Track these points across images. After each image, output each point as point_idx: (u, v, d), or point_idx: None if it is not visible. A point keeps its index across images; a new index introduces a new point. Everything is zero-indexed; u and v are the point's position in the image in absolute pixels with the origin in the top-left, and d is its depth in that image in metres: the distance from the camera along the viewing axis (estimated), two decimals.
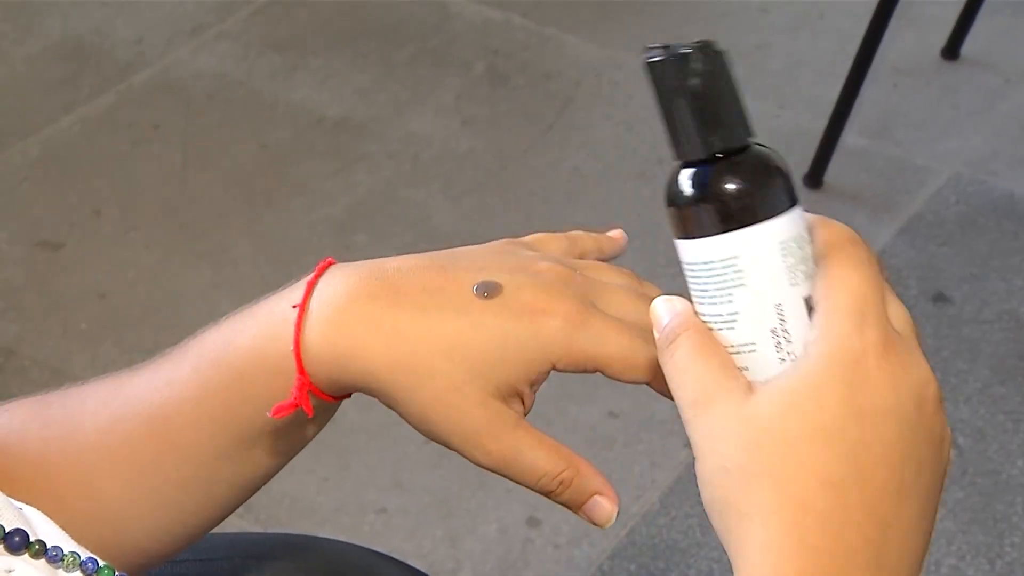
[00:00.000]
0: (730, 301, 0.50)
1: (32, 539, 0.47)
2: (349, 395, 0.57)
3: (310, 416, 0.54)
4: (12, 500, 0.50)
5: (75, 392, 0.61)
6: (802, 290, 0.49)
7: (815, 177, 2.17)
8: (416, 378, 0.52)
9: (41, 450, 0.59)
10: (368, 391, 0.54)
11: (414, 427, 0.55)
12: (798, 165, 2.19)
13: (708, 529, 1.62)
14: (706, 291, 0.50)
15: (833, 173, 2.17)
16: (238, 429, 0.56)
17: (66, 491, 0.57)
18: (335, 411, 0.60)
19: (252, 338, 0.55)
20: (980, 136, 2.27)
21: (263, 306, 0.57)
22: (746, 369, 0.50)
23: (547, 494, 0.55)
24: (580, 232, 0.61)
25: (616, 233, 0.63)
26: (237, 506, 0.60)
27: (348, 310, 0.53)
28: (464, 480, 1.68)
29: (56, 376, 1.80)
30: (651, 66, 0.46)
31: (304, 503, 1.68)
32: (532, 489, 0.56)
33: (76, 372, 1.81)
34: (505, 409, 0.54)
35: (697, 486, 0.51)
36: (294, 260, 2.02)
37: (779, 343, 0.49)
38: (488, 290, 0.55)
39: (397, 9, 2.55)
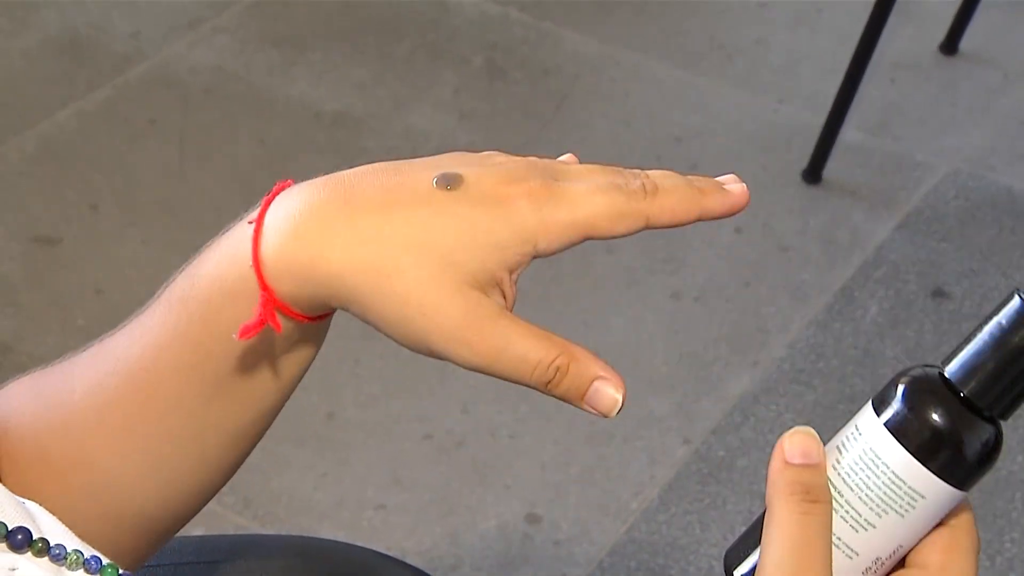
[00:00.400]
0: (878, 515, 0.49)
1: (35, 536, 0.46)
2: (324, 316, 0.54)
3: (278, 331, 0.51)
4: (15, 495, 0.49)
5: (71, 360, 0.59)
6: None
7: (814, 172, 2.17)
8: (383, 277, 0.49)
9: (36, 426, 0.57)
10: (337, 302, 0.51)
11: (391, 335, 0.51)
12: (797, 160, 2.19)
13: (708, 525, 1.62)
14: (867, 487, 0.50)
15: (832, 168, 2.16)
16: (215, 366, 0.53)
17: (64, 467, 0.56)
18: (322, 335, 0.57)
19: (215, 264, 0.53)
20: (979, 131, 2.26)
21: (224, 234, 0.55)
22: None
23: (544, 387, 0.51)
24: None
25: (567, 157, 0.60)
26: (237, 460, 0.57)
27: (305, 218, 0.51)
28: (463, 477, 1.67)
29: None
30: None
31: (302, 500, 1.68)
32: (527, 384, 0.51)
33: None
34: (484, 298, 0.51)
35: (697, 483, 0.50)
36: None
37: (871, 569, 0.50)
38: (449, 182, 0.53)
39: (395, 3, 2.55)
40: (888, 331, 1.90)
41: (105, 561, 0.48)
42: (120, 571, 0.49)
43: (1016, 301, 0.46)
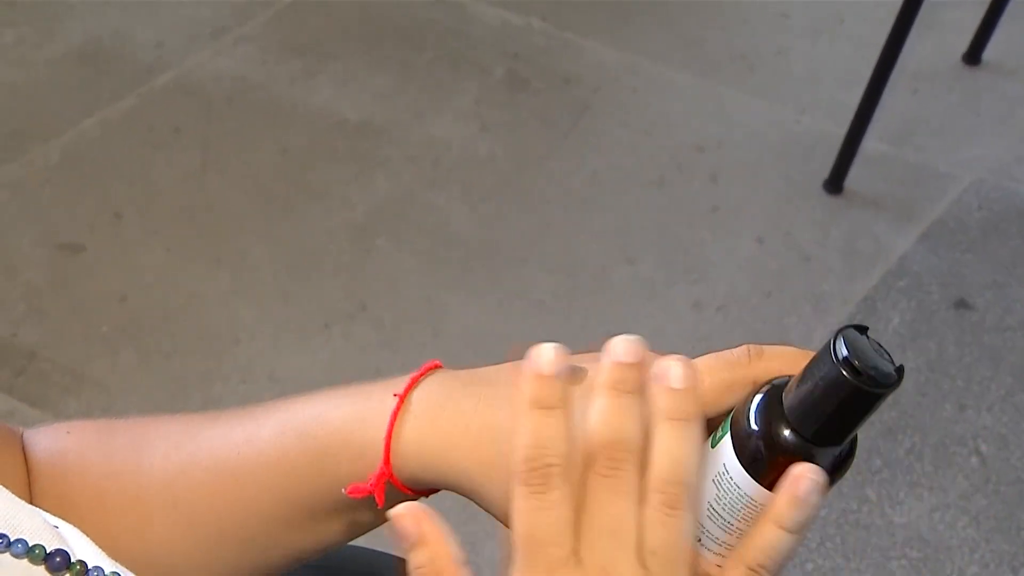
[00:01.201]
0: (735, 535, 0.51)
1: (73, 559, 0.46)
2: (427, 493, 0.56)
3: (380, 506, 0.53)
4: (48, 518, 0.49)
5: (144, 426, 0.60)
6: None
7: (835, 183, 2.16)
8: (507, 474, 0.50)
9: (101, 482, 0.58)
10: (455, 488, 0.53)
11: (502, 520, 0.53)
12: (818, 171, 2.19)
13: None
14: (731, 518, 0.51)
15: (854, 179, 2.15)
16: (311, 501, 0.55)
17: (120, 528, 0.57)
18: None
19: (344, 418, 0.55)
20: (1002, 142, 2.25)
21: (362, 389, 0.56)
22: None
23: None
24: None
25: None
26: (286, 571, 0.59)
27: (448, 413, 0.53)
28: None
29: (77, 380, 1.80)
30: (858, 380, 0.46)
31: None
32: None
33: (97, 376, 1.81)
34: None
35: None
36: (313, 266, 2.02)
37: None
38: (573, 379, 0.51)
39: (416, 13, 2.56)
40: (910, 342, 1.89)
41: None
42: None
43: (836, 338, 0.47)
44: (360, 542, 0.79)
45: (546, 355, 0.48)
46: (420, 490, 0.56)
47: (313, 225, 2.10)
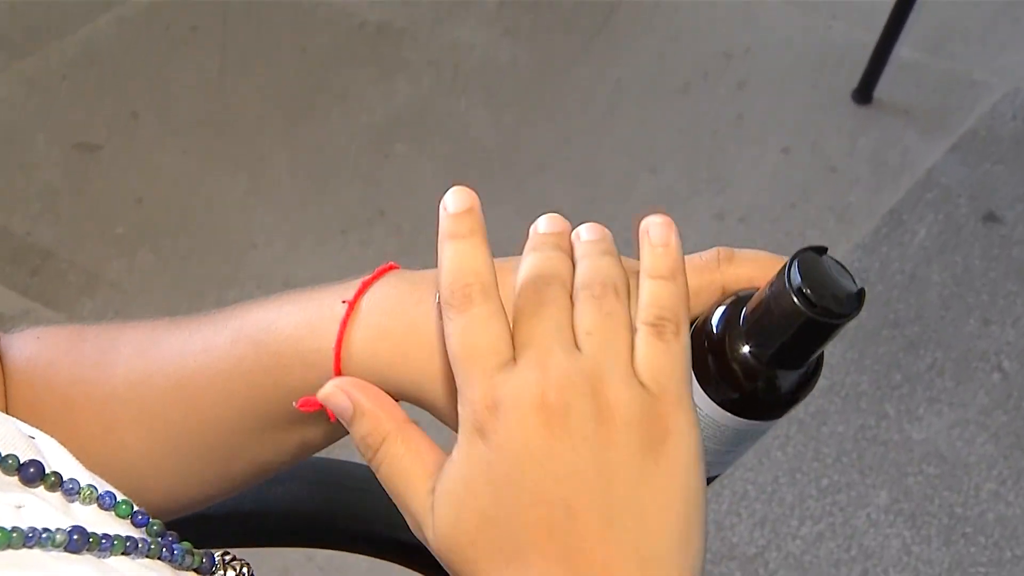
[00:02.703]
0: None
1: (47, 471, 0.45)
2: None
3: (332, 420, 0.51)
4: (25, 428, 0.48)
5: (112, 332, 0.59)
6: None
7: (865, 92, 2.11)
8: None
9: (68, 389, 0.57)
10: (411, 400, 0.51)
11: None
12: (848, 79, 2.13)
13: None
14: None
15: (884, 88, 2.10)
16: (265, 411, 0.54)
17: (88, 434, 0.56)
18: None
19: (295, 325, 0.53)
20: None
21: (314, 294, 0.54)
22: None
23: None
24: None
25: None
26: (255, 482, 0.58)
27: (397, 320, 0.51)
28: None
29: (93, 281, 1.80)
30: (814, 308, 0.44)
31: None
32: None
33: (113, 277, 1.81)
34: None
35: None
36: (332, 170, 2.00)
37: None
38: None
39: None
40: (936, 256, 1.86)
41: (120, 497, 0.47)
42: (134, 507, 0.47)
43: (791, 264, 0.45)
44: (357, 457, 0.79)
45: (454, 195, 0.48)
46: None
47: (332, 129, 2.07)
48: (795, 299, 0.44)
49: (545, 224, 0.49)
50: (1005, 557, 1.50)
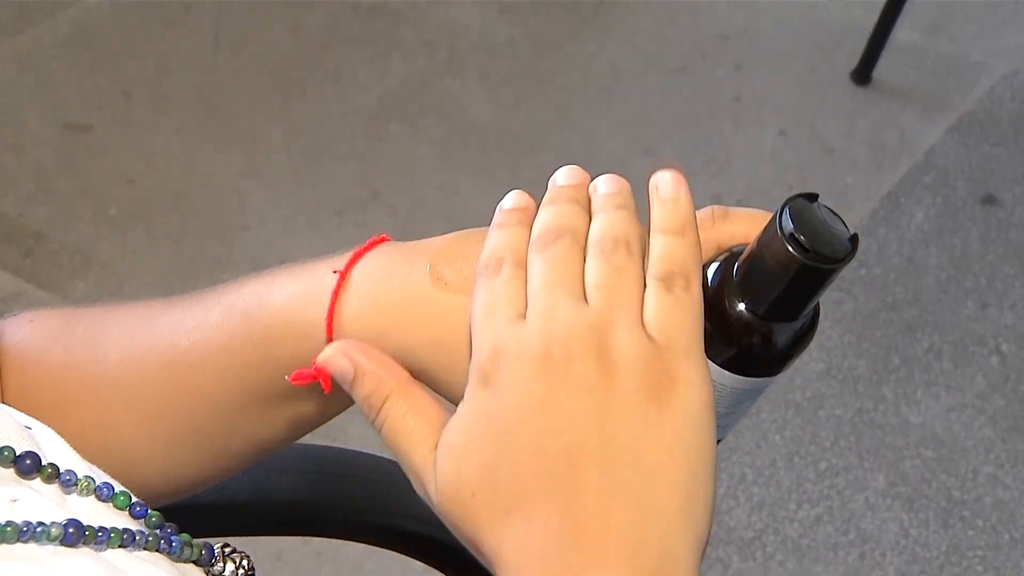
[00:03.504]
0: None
1: (44, 462, 0.44)
2: None
3: (327, 392, 0.50)
4: (21, 418, 0.47)
5: (103, 314, 0.58)
6: None
7: (863, 73, 2.10)
8: (455, 352, 0.48)
9: (60, 374, 0.56)
10: (406, 368, 0.50)
11: (456, 403, 0.50)
12: (846, 60, 2.12)
13: (742, 433, 1.60)
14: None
15: (882, 69, 2.09)
16: (259, 387, 0.53)
17: (82, 420, 0.55)
18: None
19: (287, 297, 0.52)
20: None
21: (305, 267, 0.53)
22: None
23: None
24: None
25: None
26: (252, 463, 0.57)
27: (390, 289, 0.50)
28: None
29: (85, 262, 1.78)
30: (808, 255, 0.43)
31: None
32: None
33: (105, 258, 1.79)
34: None
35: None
36: (326, 150, 1.98)
37: None
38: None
39: None
40: (934, 238, 1.85)
41: (118, 488, 0.46)
42: (132, 498, 0.47)
43: (782, 211, 0.44)
44: (381, 452, 0.78)
45: (510, 198, 0.48)
46: None
47: (327, 109, 2.06)
48: (788, 245, 0.43)
49: (564, 176, 0.49)
50: (1002, 540, 1.50)
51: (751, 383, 0.48)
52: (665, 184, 0.47)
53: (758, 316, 0.46)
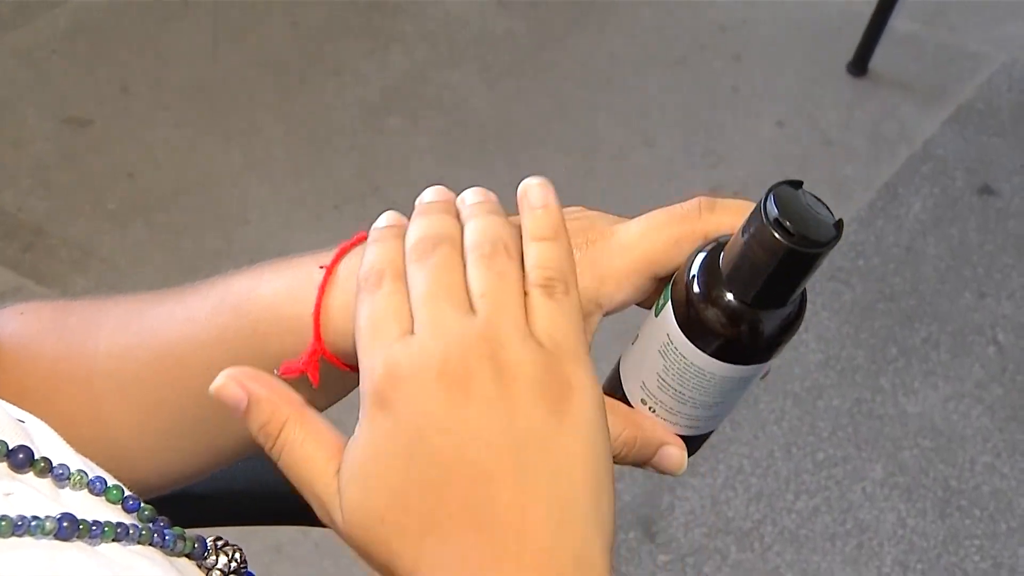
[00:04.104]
0: (688, 404, 0.50)
1: (37, 456, 0.45)
2: None
3: (315, 385, 0.51)
4: (14, 412, 0.47)
5: (95, 307, 0.58)
6: None
7: (861, 64, 2.10)
8: None
9: (53, 364, 0.56)
10: None
11: None
12: (844, 51, 2.12)
13: (740, 424, 1.60)
14: (681, 388, 0.49)
15: (880, 60, 2.09)
16: None
17: (74, 412, 0.55)
18: (356, 384, 0.56)
19: (275, 292, 0.52)
20: None
21: (293, 261, 0.53)
22: None
23: (613, 457, 0.50)
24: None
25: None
26: (243, 456, 0.57)
27: None
28: None
29: (85, 256, 1.79)
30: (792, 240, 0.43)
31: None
32: None
33: (105, 252, 1.80)
34: None
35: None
36: (326, 143, 1.99)
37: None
38: None
39: None
40: (931, 228, 1.85)
41: (111, 481, 0.46)
42: (125, 492, 0.47)
43: (766, 198, 0.44)
44: None
45: (383, 218, 0.49)
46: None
47: (326, 102, 2.06)
48: (773, 231, 0.43)
49: (431, 194, 0.49)
50: (1000, 529, 1.51)
51: (740, 371, 0.48)
52: (533, 191, 0.47)
53: (746, 304, 0.46)
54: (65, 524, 0.42)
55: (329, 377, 0.51)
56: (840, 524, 1.51)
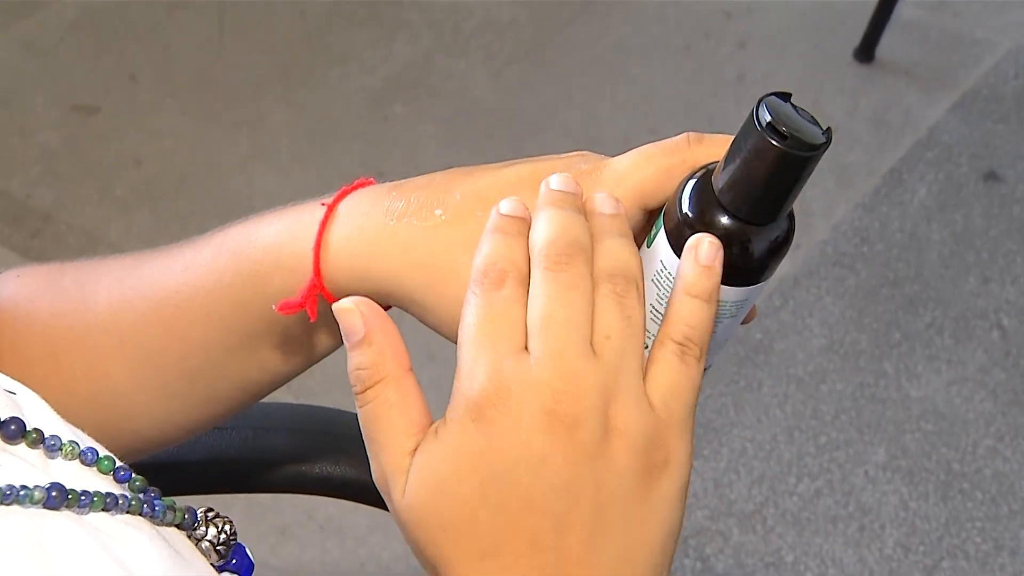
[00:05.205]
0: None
1: (29, 427, 0.45)
2: None
3: (313, 320, 0.51)
4: (5, 383, 0.47)
5: (92, 266, 0.59)
6: None
7: (866, 51, 2.10)
8: (440, 274, 0.49)
9: (50, 324, 0.57)
10: (395, 301, 0.51)
11: (442, 331, 0.51)
12: (849, 38, 2.12)
13: (743, 408, 1.61)
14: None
15: (886, 46, 2.09)
16: (247, 325, 0.53)
17: (74, 372, 0.56)
18: None
19: (275, 233, 0.53)
20: None
21: (294, 207, 0.54)
22: None
23: None
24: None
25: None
26: (242, 407, 0.58)
27: (374, 219, 0.50)
28: None
29: (92, 242, 1.80)
30: (784, 142, 0.43)
31: (336, 374, 1.68)
32: None
33: (112, 239, 1.81)
34: None
35: (733, 365, 0.49)
36: (332, 131, 2.00)
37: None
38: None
39: None
40: (936, 214, 1.85)
41: (102, 453, 0.46)
42: (116, 463, 0.47)
43: (758, 106, 0.44)
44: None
45: (508, 203, 0.47)
46: None
47: (332, 91, 2.07)
48: (766, 135, 0.43)
49: (559, 182, 0.47)
50: (1001, 512, 1.51)
51: (733, 294, 0.48)
52: (707, 248, 0.45)
53: (739, 219, 0.46)
54: (54, 494, 0.42)
55: (329, 314, 0.51)
56: (842, 507, 1.51)
